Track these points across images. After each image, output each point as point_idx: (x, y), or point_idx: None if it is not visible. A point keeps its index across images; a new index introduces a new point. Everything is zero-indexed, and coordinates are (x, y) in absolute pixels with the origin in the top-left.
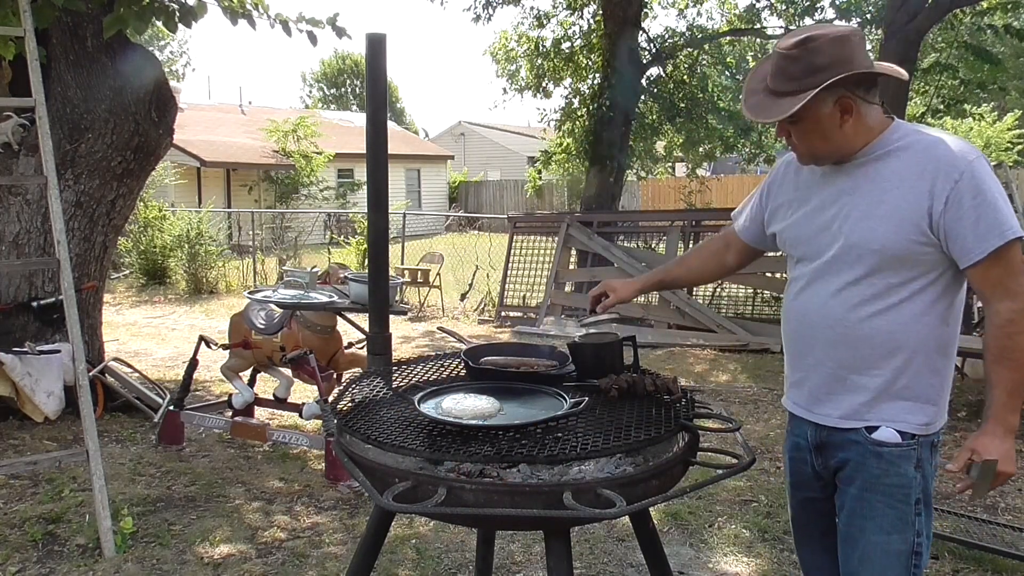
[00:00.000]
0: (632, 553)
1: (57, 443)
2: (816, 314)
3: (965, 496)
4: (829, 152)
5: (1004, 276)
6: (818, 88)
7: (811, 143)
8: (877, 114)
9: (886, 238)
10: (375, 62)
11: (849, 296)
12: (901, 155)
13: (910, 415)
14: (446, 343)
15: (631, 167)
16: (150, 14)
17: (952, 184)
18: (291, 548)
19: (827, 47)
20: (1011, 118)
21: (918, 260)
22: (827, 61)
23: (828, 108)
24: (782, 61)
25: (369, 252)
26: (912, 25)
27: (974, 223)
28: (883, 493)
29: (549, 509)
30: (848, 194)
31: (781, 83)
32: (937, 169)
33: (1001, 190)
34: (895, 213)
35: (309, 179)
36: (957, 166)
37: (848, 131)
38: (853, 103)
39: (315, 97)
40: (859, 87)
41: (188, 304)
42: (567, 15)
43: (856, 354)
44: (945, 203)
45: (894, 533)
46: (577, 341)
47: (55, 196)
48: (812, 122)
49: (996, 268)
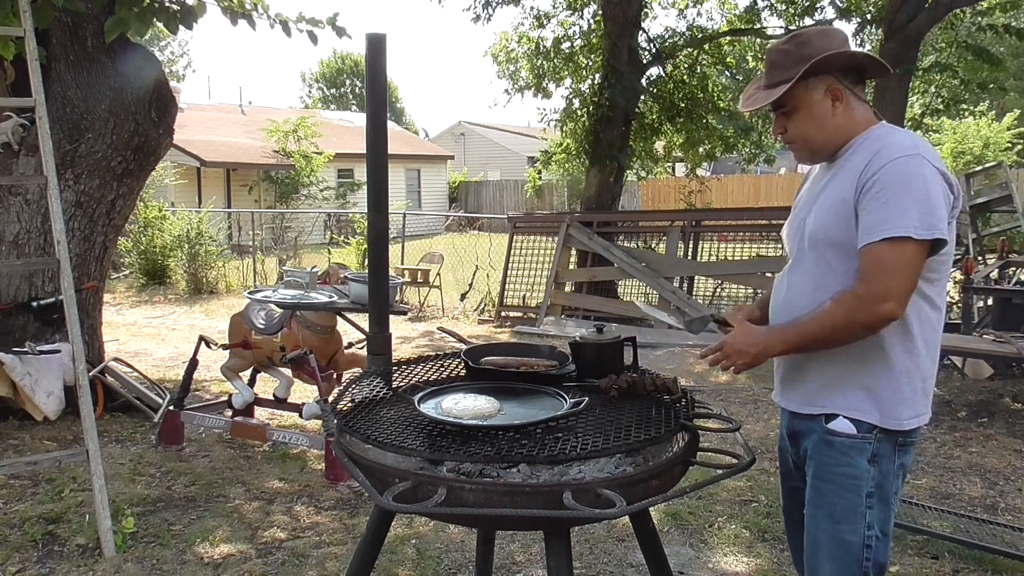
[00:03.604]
0: (632, 553)
1: (57, 443)
2: (782, 303)
3: (965, 496)
4: (824, 142)
5: (869, 266)
6: (808, 63)
7: (805, 133)
8: (865, 112)
9: (828, 225)
10: (375, 62)
11: (806, 284)
12: (861, 153)
13: (866, 405)
14: (446, 343)
15: (631, 167)
16: (151, 15)
17: (871, 174)
18: (291, 548)
19: (815, 39)
20: (1010, 118)
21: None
22: (815, 51)
23: (819, 95)
24: (774, 55)
25: (369, 252)
26: (912, 25)
27: (868, 214)
28: (833, 482)
29: (549, 509)
30: (822, 191)
31: (774, 76)
32: (870, 161)
33: (920, 189)
34: (836, 201)
35: (309, 179)
36: (880, 160)
37: (840, 120)
38: (842, 91)
39: (315, 97)
40: (847, 77)
41: (188, 304)
42: (567, 15)
43: None
44: (861, 191)
45: (843, 522)
46: (578, 340)
47: (55, 196)
48: (806, 110)
49: (868, 257)
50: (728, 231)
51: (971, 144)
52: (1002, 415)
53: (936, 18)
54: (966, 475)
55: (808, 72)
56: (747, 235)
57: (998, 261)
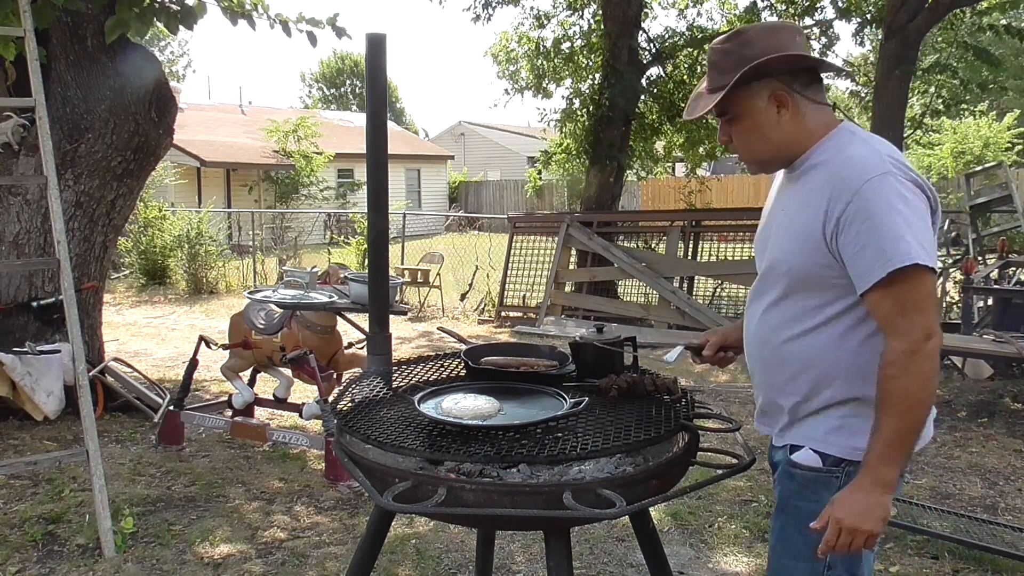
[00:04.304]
0: (632, 553)
1: (57, 443)
2: (752, 335)
3: (965, 496)
4: (771, 154)
5: (892, 312)
6: (744, 67)
7: (750, 143)
8: (821, 116)
9: (793, 259)
10: (375, 62)
11: (771, 317)
12: (821, 169)
13: (834, 436)
14: (446, 343)
15: (631, 167)
16: (151, 15)
17: (844, 205)
18: (291, 548)
19: (758, 38)
20: (1010, 118)
21: (830, 283)
22: (758, 52)
23: (763, 102)
24: (715, 56)
25: (369, 252)
26: (912, 25)
27: (861, 250)
28: (793, 516)
29: (549, 509)
30: (782, 208)
31: (714, 79)
32: (834, 187)
33: (905, 210)
34: (801, 233)
35: (309, 179)
36: (851, 185)
37: (787, 129)
38: (789, 97)
39: (315, 97)
40: (796, 81)
41: (188, 304)
42: (567, 15)
43: (779, 376)
44: (837, 225)
45: (802, 561)
46: (579, 340)
47: (55, 196)
48: (748, 119)
49: (885, 301)
50: (728, 231)
51: (971, 144)
52: (1002, 415)
53: (936, 18)
54: (966, 475)
55: (746, 77)
56: (747, 235)
57: (998, 261)
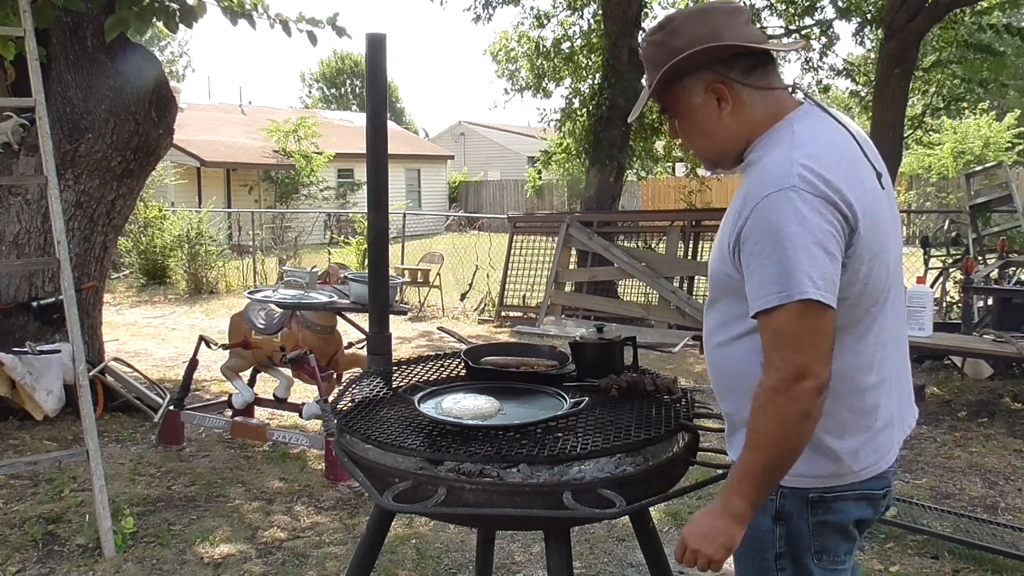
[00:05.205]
0: (632, 553)
1: (57, 443)
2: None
3: (965, 496)
4: (717, 152)
5: (768, 344)
6: (662, 69)
7: (694, 141)
8: (768, 104)
9: (715, 265)
10: (375, 62)
11: (708, 320)
12: (750, 170)
13: None
14: (446, 343)
15: (631, 167)
16: (151, 15)
17: (744, 221)
18: (291, 548)
19: (684, 26)
20: (1011, 117)
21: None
22: (685, 42)
23: (699, 97)
24: (648, 50)
25: (369, 252)
26: (912, 25)
27: (750, 274)
28: None
29: (549, 509)
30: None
31: (649, 74)
32: (745, 196)
33: (798, 233)
34: (721, 240)
35: (309, 179)
36: (751, 200)
37: (729, 124)
38: (727, 88)
39: (315, 97)
40: (733, 69)
41: (188, 304)
42: (567, 15)
43: (716, 382)
44: (738, 239)
45: None
46: (578, 340)
47: (55, 196)
48: (687, 116)
49: (765, 331)
50: None
51: (971, 144)
52: (1002, 415)
53: (936, 18)
54: (966, 475)
55: (676, 72)
56: None
57: (998, 261)
